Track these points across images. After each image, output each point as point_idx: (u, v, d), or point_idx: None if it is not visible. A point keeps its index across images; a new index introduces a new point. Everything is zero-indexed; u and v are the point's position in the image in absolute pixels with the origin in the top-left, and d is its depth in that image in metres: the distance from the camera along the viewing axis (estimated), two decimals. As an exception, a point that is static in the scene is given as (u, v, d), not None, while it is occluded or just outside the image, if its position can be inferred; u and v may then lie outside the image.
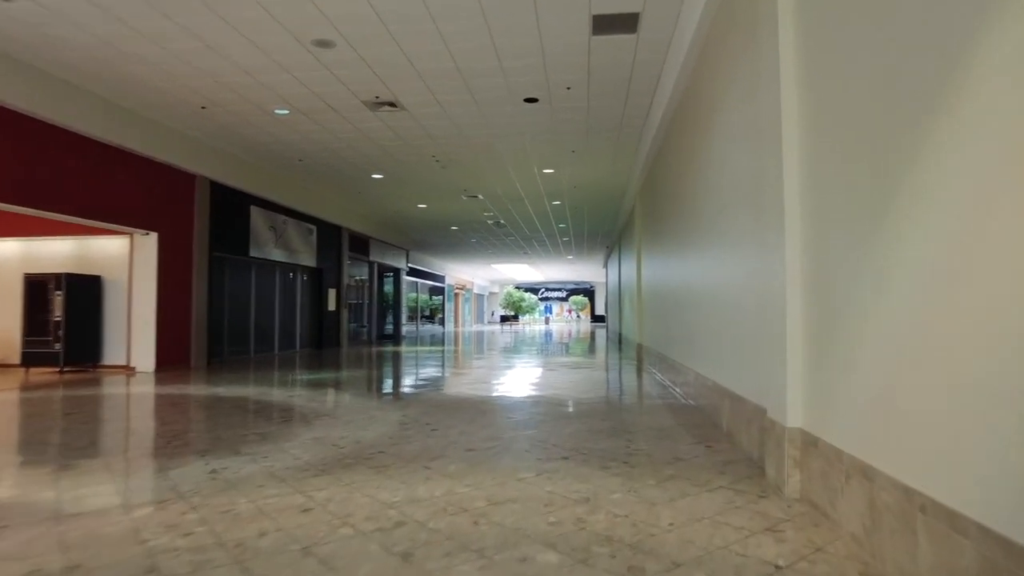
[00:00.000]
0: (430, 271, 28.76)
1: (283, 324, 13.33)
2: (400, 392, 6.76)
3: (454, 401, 5.90)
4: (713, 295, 4.75)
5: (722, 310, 4.43)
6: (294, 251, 13.31)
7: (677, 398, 6.06)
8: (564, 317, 54.38)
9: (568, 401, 5.88)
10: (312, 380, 7.91)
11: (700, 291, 5.32)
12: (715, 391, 4.62)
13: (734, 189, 4.06)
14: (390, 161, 10.80)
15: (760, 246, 3.38)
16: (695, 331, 5.58)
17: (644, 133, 8.77)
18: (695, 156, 5.46)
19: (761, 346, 3.41)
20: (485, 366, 10.13)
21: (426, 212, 16.05)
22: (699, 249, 5.34)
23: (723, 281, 4.40)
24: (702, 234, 5.18)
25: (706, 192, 4.97)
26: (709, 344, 4.93)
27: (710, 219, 4.84)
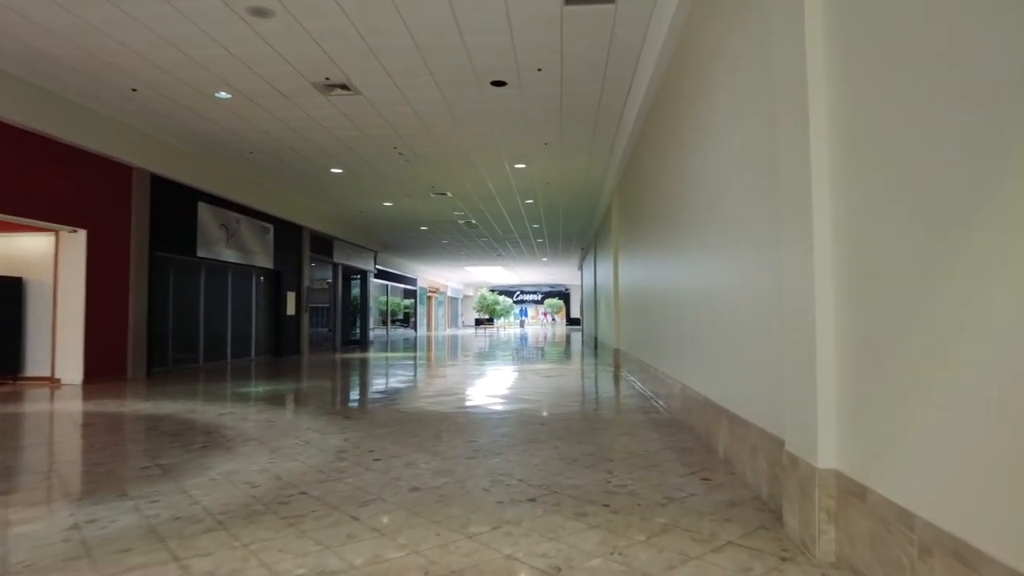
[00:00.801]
0: (401, 273, 27.90)
1: (237, 330, 12.44)
2: (350, 408, 6.00)
3: (410, 419, 5.17)
4: (703, 299, 4.10)
5: (716, 316, 3.78)
6: (248, 251, 12.43)
7: (660, 411, 5.41)
8: (539, 320, 53.81)
9: (540, 417, 5.19)
10: (256, 393, 7.10)
11: (686, 294, 4.68)
12: (708, 408, 3.97)
13: (732, 178, 3.41)
14: (349, 154, 10.02)
15: (764, 245, 2.73)
16: (681, 339, 4.94)
17: (622, 123, 8.15)
18: (680, 144, 4.82)
19: (771, 361, 2.76)
20: (453, 374, 9.40)
21: (393, 211, 15.27)
22: (685, 248, 4.71)
23: (717, 284, 3.75)
24: (689, 232, 4.55)
25: (695, 184, 4.33)
26: (700, 354, 4.28)
27: (699, 214, 4.20)
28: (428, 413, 5.46)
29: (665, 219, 5.63)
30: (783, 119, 2.43)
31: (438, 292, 37.88)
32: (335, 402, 6.39)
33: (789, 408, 2.40)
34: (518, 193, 13.09)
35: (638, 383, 7.60)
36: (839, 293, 2.09)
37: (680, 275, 4.95)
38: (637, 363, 7.76)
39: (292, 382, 8.38)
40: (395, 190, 12.76)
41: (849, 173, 2.02)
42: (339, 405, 6.16)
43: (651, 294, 6.69)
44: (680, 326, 4.96)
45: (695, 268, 4.37)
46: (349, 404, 6.23)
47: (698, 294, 4.27)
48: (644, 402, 6.08)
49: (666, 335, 5.68)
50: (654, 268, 6.43)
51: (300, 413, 5.59)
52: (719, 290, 3.70)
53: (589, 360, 12.35)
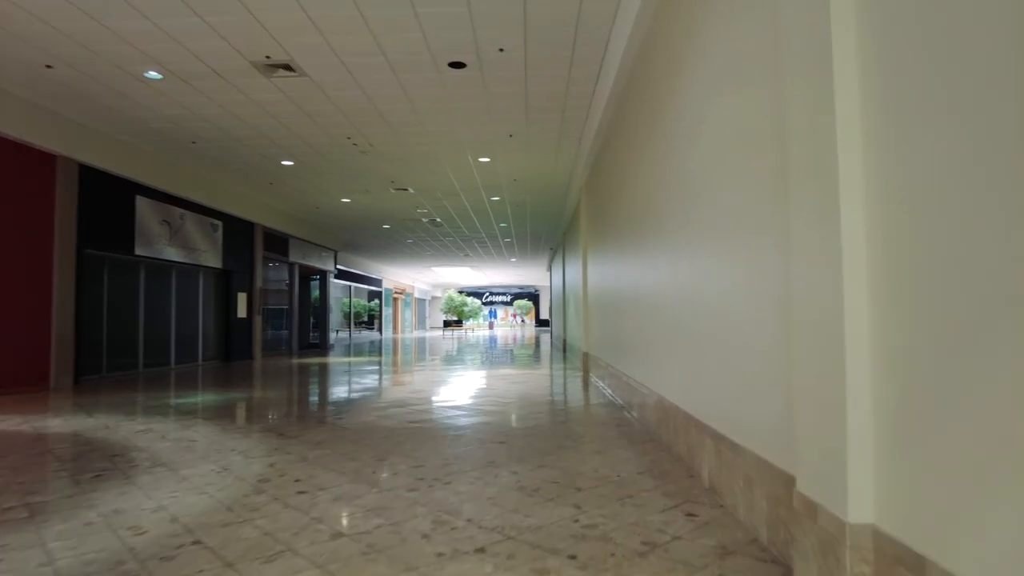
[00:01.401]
0: (365, 274, 27.08)
1: (182, 333, 11.60)
2: (289, 422, 5.37)
3: (354, 436, 4.57)
4: (685, 301, 3.60)
5: (699, 321, 3.28)
6: (194, 250, 11.61)
7: (633, 423, 4.91)
8: (509, 322, 53.32)
9: (501, 433, 4.64)
10: (189, 405, 6.40)
11: (662, 296, 4.18)
12: (690, 425, 3.47)
13: (721, 162, 2.92)
14: (300, 145, 9.33)
15: (762, 237, 2.24)
16: (657, 344, 4.44)
17: (591, 113, 7.66)
18: (655, 129, 4.33)
19: (771, 374, 2.26)
20: (413, 381, 8.79)
21: (352, 208, 14.55)
22: (663, 245, 4.21)
23: (702, 284, 3.25)
24: (667, 226, 4.05)
25: (673, 172, 3.83)
26: (680, 363, 3.78)
27: (679, 206, 3.70)
28: (376, 429, 4.87)
29: (638, 214, 5.14)
30: (795, 82, 1.92)
31: (404, 293, 37.06)
32: (274, 415, 5.74)
33: (803, 437, 1.89)
34: (483, 189, 12.52)
35: (608, 390, 7.11)
36: (877, 293, 1.59)
37: (656, 275, 4.46)
38: (607, 368, 7.27)
39: (234, 391, 7.67)
40: (352, 185, 12.08)
41: (893, 140, 1.52)
42: (278, 419, 5.51)
43: (622, 295, 6.21)
44: (656, 330, 4.47)
45: (674, 267, 3.88)
46: (289, 418, 5.59)
47: (678, 295, 3.77)
48: (615, 412, 5.58)
49: (639, 340, 5.19)
50: (625, 268, 5.94)
51: (230, 429, 4.93)
52: (705, 291, 3.20)
53: (557, 364, 11.85)
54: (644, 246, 4.88)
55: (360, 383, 8.58)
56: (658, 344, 4.39)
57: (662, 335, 4.25)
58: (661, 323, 4.27)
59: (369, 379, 9.16)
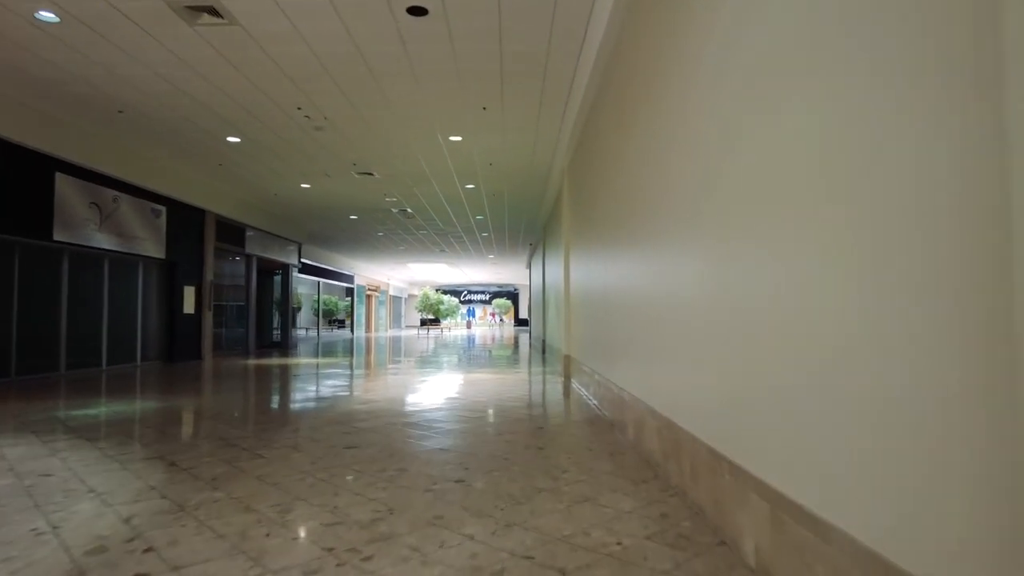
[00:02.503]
0: (334, 269, 25.82)
1: (115, 331, 10.35)
2: (191, 444, 4.26)
3: (263, 468, 3.49)
4: (712, 301, 2.59)
5: (747, 327, 2.26)
6: (131, 237, 10.37)
7: (627, 450, 3.90)
8: (487, 321, 52.32)
9: (460, 465, 3.59)
10: (82, 418, 5.24)
11: (676, 297, 3.17)
12: (719, 468, 2.45)
13: (760, 113, 1.90)
14: (245, 118, 8.19)
15: (830, 210, 1.24)
16: (664, 356, 3.42)
17: (576, 79, 6.64)
18: (657, 87, 3.31)
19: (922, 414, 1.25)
20: (370, 387, 7.70)
21: (313, 195, 13.37)
22: (668, 239, 3.20)
23: (739, 281, 2.24)
24: (675, 212, 3.03)
25: (684, 138, 2.81)
26: (703, 382, 2.76)
27: (692, 185, 2.69)
28: (297, 456, 3.78)
29: (634, 199, 4.12)
30: None
31: (378, 291, 35.80)
32: (178, 435, 4.62)
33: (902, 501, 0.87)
34: (457, 175, 11.44)
35: (593, 400, 6.10)
36: None
37: (659, 271, 3.44)
38: (592, 376, 6.26)
39: (154, 398, 6.51)
40: (310, 167, 10.92)
41: None
42: (180, 440, 4.39)
43: (612, 295, 5.19)
44: (663, 337, 3.45)
45: (689, 261, 2.86)
46: (196, 438, 4.48)
47: (704, 295, 2.75)
48: (604, 433, 4.56)
49: (636, 347, 4.17)
50: (617, 264, 4.92)
51: (111, 456, 3.81)
52: (749, 290, 2.18)
53: (536, 366, 10.83)
54: (642, 238, 3.86)
55: (307, 390, 7.47)
56: (666, 354, 3.37)
57: (673, 343, 3.23)
58: (673, 328, 3.25)
59: (320, 385, 8.05)
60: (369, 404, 6.07)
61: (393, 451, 3.92)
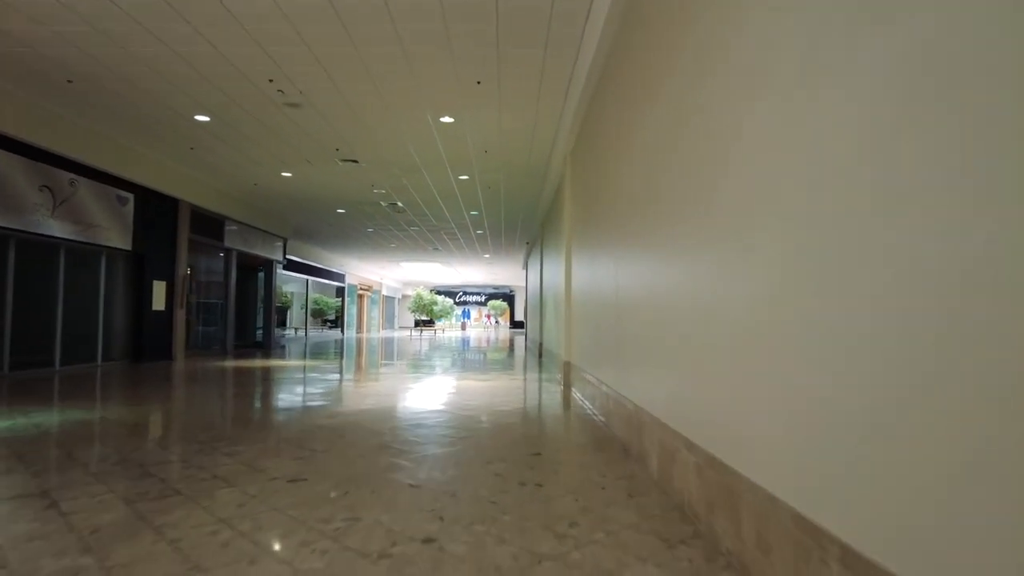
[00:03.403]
0: (323, 267, 24.91)
1: (72, 329, 9.45)
2: (97, 471, 3.38)
3: (164, 514, 2.62)
4: (772, 309, 1.74)
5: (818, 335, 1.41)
6: (92, 225, 9.47)
7: (651, 488, 3.04)
8: (483, 323, 51.46)
9: (441, 506, 2.73)
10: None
11: (719, 299, 2.32)
12: (785, 522, 1.60)
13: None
14: (212, 92, 7.31)
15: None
16: (694, 367, 2.57)
17: (583, 46, 5.79)
18: (680, 63, 2.47)
19: None
20: (351, 395, 6.82)
21: (296, 185, 12.48)
22: (711, 235, 2.35)
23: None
24: (714, 201, 2.19)
25: (725, 110, 1.97)
26: (747, 400, 1.91)
27: (737, 174, 1.84)
28: (224, 494, 2.91)
29: (658, 186, 3.27)
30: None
31: (371, 290, 34.88)
32: (87, 459, 3.75)
33: None
34: (449, 164, 10.58)
35: (600, 416, 5.24)
36: None
37: (699, 270, 2.59)
38: (597, 387, 5.40)
39: (89, 407, 5.62)
40: (289, 152, 10.04)
41: None
42: (85, 466, 3.52)
43: (626, 296, 4.34)
44: (703, 348, 2.59)
45: (745, 256, 2.01)
46: (107, 464, 3.60)
47: (765, 295, 1.90)
48: (616, 461, 3.70)
49: (661, 357, 3.31)
50: (633, 261, 4.07)
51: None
52: (825, 289, 1.33)
53: (532, 372, 9.97)
54: (670, 232, 3.01)
55: (273, 398, 6.59)
56: (708, 368, 2.52)
57: (720, 354, 2.37)
58: (719, 336, 2.39)
59: (291, 392, 7.17)
60: (338, 418, 5.19)
61: (351, 486, 3.05)
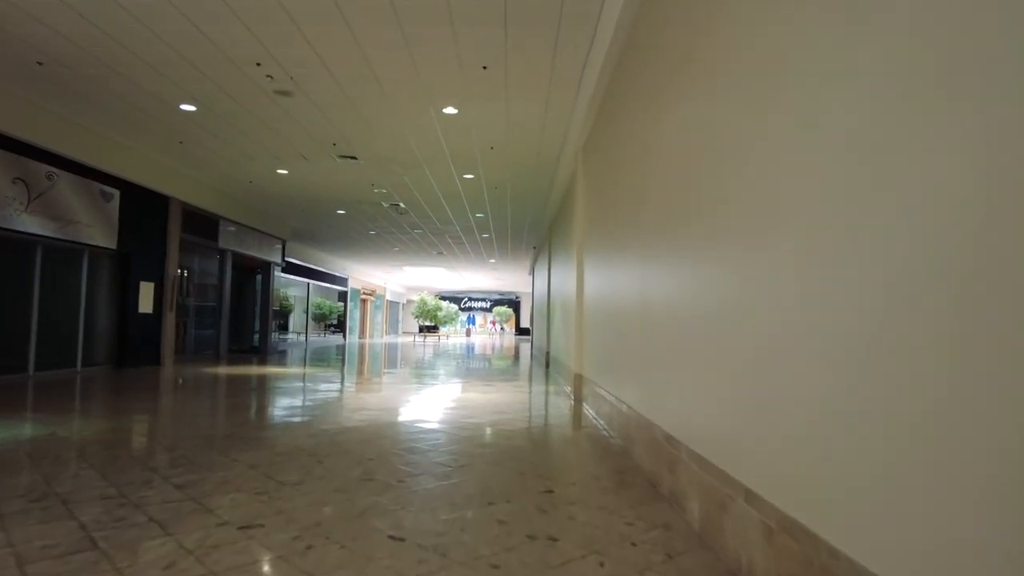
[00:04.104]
0: (325, 271, 24.35)
1: (49, 331, 8.88)
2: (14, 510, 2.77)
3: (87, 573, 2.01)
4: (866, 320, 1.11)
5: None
6: (72, 222, 8.92)
7: (683, 533, 2.41)
8: (487, 329, 50.85)
9: (428, 571, 2.11)
10: (-84, 453, 3.76)
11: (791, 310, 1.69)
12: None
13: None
14: (196, 78, 6.73)
15: None
16: (749, 392, 1.93)
17: (601, 24, 5.17)
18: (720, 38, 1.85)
19: None
20: (340, 408, 6.20)
21: (293, 183, 11.90)
22: (771, 237, 1.72)
23: None
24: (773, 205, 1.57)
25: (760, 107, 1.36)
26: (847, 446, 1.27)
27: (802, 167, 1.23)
28: (154, 546, 2.29)
29: (696, 181, 2.65)
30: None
31: (374, 295, 34.32)
32: (28, 484, 3.13)
33: None
34: (453, 162, 9.99)
35: (617, 438, 4.61)
36: None
37: (755, 275, 1.96)
38: (615, 406, 4.76)
39: (38, 421, 5.02)
40: (284, 147, 9.46)
41: None
42: (12, 498, 2.91)
43: (652, 306, 3.71)
44: (766, 374, 1.96)
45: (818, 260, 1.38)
46: (54, 490, 2.99)
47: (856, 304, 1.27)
48: (645, 501, 3.06)
49: (705, 378, 2.68)
50: (661, 268, 3.45)
51: None
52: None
53: (539, 384, 9.33)
54: (705, 236, 2.39)
55: (252, 409, 5.98)
56: (784, 395, 1.88)
57: (789, 380, 1.74)
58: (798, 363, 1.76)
59: (274, 403, 6.55)
60: (320, 437, 4.57)
61: (316, 538, 2.42)
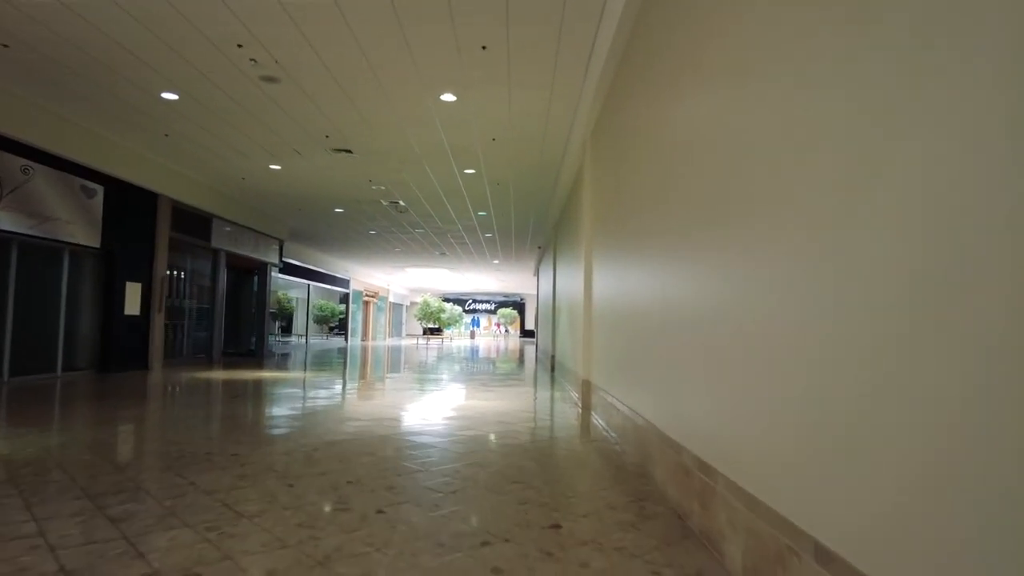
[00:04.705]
0: (326, 272, 23.88)
1: (26, 334, 8.40)
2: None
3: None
4: None
5: None
6: (50, 219, 8.44)
7: (712, 574, 1.89)
8: (492, 331, 50.35)
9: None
10: None
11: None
12: None
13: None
14: (173, 60, 6.24)
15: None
16: (804, 427, 1.41)
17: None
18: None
19: None
20: (329, 418, 5.68)
21: (286, 180, 11.41)
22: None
23: None
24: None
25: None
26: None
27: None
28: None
29: (735, 168, 2.13)
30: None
31: (377, 297, 33.85)
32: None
33: None
34: (453, 155, 9.48)
35: (631, 454, 4.07)
36: None
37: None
38: (629, 418, 4.23)
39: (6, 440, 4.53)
40: (274, 140, 8.97)
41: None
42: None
43: (682, 309, 3.18)
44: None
45: None
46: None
47: None
48: (662, 524, 2.53)
49: (747, 396, 2.15)
50: (689, 265, 2.92)
51: None
52: None
53: (544, 389, 8.81)
54: (745, 227, 1.87)
55: (230, 419, 5.47)
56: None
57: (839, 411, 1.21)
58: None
59: (257, 411, 6.04)
60: (296, 455, 4.05)
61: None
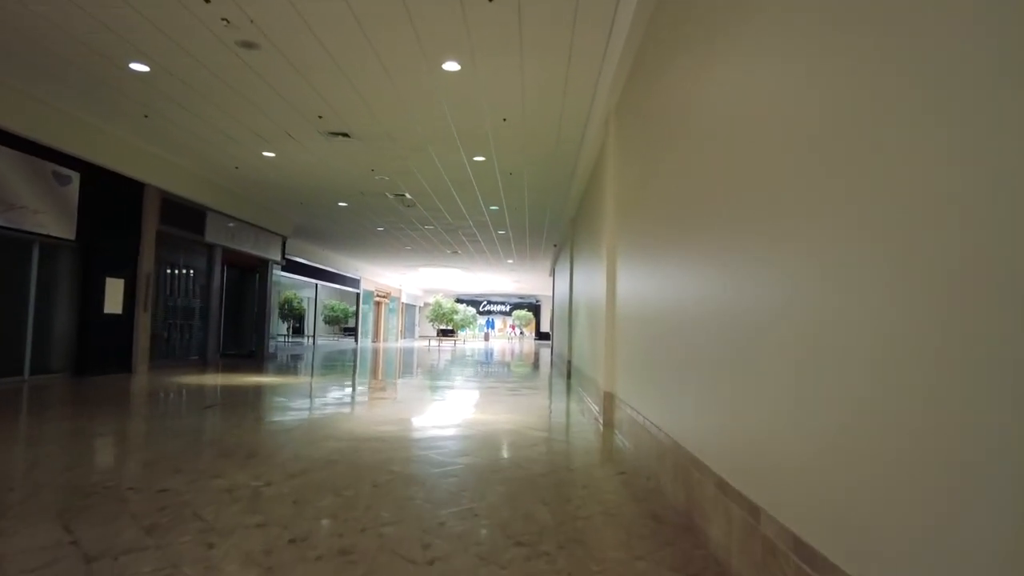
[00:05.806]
0: (335, 271, 23.13)
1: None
2: None
3: None
4: None
5: None
6: (16, 208, 7.69)
7: None
8: (507, 333, 49.47)
9: None
10: None
11: None
12: None
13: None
14: (134, 21, 5.41)
15: None
16: None
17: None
18: None
19: None
20: (316, 434, 4.80)
21: (282, 168, 10.57)
22: None
23: None
24: None
25: None
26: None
27: None
28: None
29: (806, 143, 1.21)
30: None
31: (388, 297, 33.10)
32: None
33: None
34: (460, 139, 8.59)
35: (671, 494, 3.14)
36: None
37: None
38: (668, 447, 3.29)
39: None
40: (263, 123, 8.14)
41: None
42: None
43: (721, 312, 2.25)
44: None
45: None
46: None
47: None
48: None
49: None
50: (757, 265, 1.99)
51: None
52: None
53: (559, 400, 7.89)
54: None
55: (199, 433, 4.61)
56: None
57: None
58: None
59: (235, 422, 5.19)
60: (236, 493, 3.18)
61: None
